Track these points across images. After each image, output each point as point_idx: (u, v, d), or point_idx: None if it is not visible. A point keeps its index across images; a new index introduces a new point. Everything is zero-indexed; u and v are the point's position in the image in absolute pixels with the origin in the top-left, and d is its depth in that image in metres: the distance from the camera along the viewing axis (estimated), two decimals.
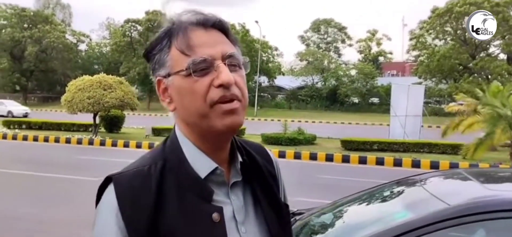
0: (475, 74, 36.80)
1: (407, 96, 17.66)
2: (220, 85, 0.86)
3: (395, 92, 18.38)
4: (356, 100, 45.35)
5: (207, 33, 0.89)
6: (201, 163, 0.90)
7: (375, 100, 44.77)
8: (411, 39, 42.26)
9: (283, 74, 52.79)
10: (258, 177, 0.98)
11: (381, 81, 44.33)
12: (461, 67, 38.88)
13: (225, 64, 0.87)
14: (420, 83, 34.26)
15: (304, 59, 50.22)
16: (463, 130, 13.24)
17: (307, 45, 54.26)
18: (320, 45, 54.49)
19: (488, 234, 2.00)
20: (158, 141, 15.76)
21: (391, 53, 56.29)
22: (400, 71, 56.98)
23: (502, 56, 38.47)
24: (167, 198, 0.87)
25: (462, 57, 37.63)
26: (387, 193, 2.52)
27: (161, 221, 0.85)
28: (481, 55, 37.95)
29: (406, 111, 17.46)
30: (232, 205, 0.92)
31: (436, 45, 40.45)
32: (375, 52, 53.74)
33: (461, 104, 16.01)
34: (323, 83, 46.53)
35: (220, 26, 0.91)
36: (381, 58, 55.06)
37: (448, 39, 40.10)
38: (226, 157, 0.95)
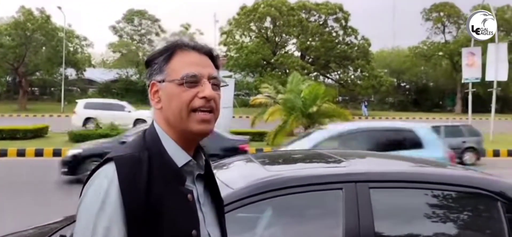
0: (276, 69, 41.40)
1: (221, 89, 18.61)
2: (203, 97, 1.12)
3: None
4: None
5: (200, 57, 1.17)
6: (179, 155, 1.13)
7: None
8: (221, 35, 44.81)
9: (94, 66, 49.00)
10: (209, 172, 1.24)
11: None
12: (265, 62, 43.16)
13: (209, 82, 1.14)
14: (230, 76, 36.58)
15: (117, 51, 47.90)
16: (266, 119, 14.84)
17: (120, 36, 51.65)
18: (134, 36, 52.71)
19: (274, 210, 2.27)
20: None
21: None
22: None
23: (297, 53, 44.33)
24: (154, 181, 1.07)
25: (266, 53, 41.82)
26: None
27: (151, 199, 1.05)
28: (280, 52, 42.88)
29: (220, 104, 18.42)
30: (197, 191, 1.16)
31: (244, 42, 43.86)
32: None
33: (267, 96, 17.81)
34: (138, 76, 45.26)
35: (210, 54, 1.19)
36: None
37: (253, 36, 43.97)
38: (193, 152, 1.18)
